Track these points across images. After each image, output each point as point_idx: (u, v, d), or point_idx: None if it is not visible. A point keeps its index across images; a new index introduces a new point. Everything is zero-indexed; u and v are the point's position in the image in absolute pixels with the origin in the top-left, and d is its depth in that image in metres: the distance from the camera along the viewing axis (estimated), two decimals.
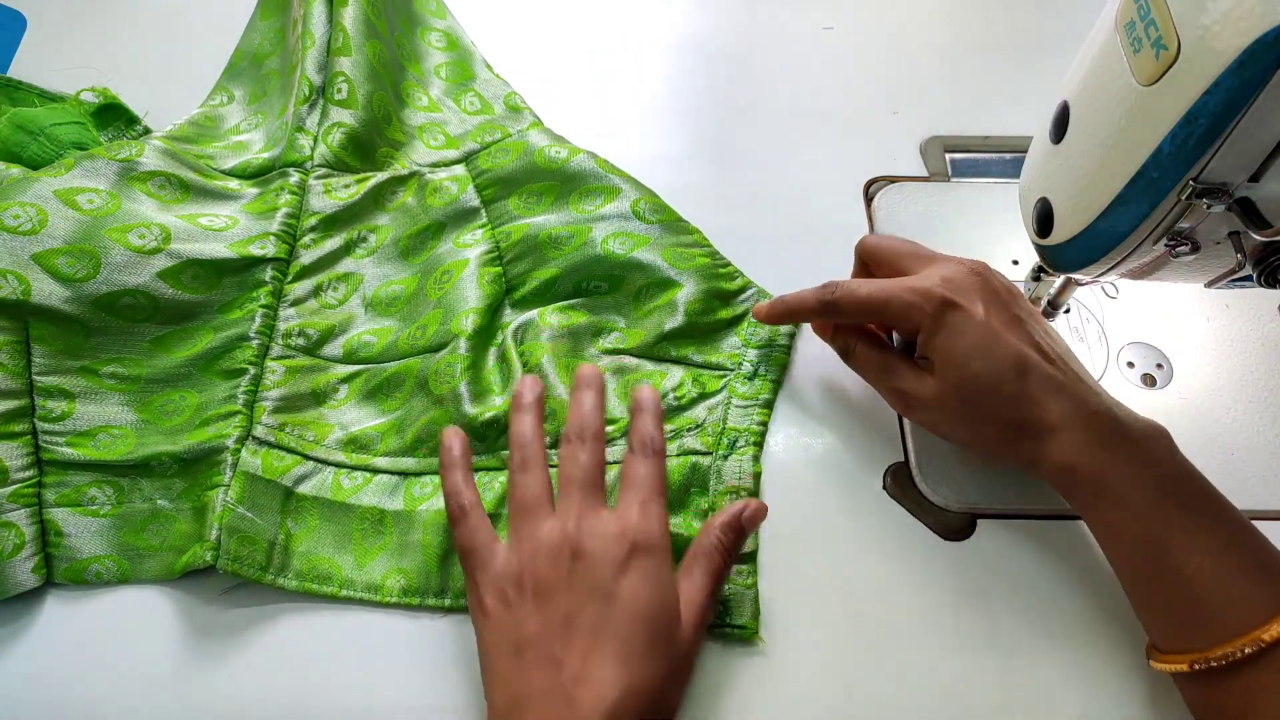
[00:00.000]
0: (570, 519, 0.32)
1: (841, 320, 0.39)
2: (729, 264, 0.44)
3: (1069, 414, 0.32)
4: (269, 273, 0.42)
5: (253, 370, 0.40)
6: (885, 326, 0.39)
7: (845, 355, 0.39)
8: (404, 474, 0.39)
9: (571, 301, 0.43)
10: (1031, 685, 0.35)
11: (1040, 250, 0.34)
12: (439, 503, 0.38)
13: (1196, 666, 0.29)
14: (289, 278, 0.43)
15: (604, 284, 0.43)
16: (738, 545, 0.34)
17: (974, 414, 0.34)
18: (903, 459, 0.40)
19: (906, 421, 0.41)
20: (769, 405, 0.41)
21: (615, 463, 0.39)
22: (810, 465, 0.40)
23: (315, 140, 0.46)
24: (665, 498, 0.34)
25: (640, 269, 0.42)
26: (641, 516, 0.32)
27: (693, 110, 0.52)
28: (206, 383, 0.40)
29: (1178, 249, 0.29)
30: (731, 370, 0.41)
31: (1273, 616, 0.28)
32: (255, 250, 0.42)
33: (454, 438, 0.36)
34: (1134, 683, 0.35)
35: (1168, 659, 0.31)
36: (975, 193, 0.48)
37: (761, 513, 0.35)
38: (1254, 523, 0.30)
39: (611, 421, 0.40)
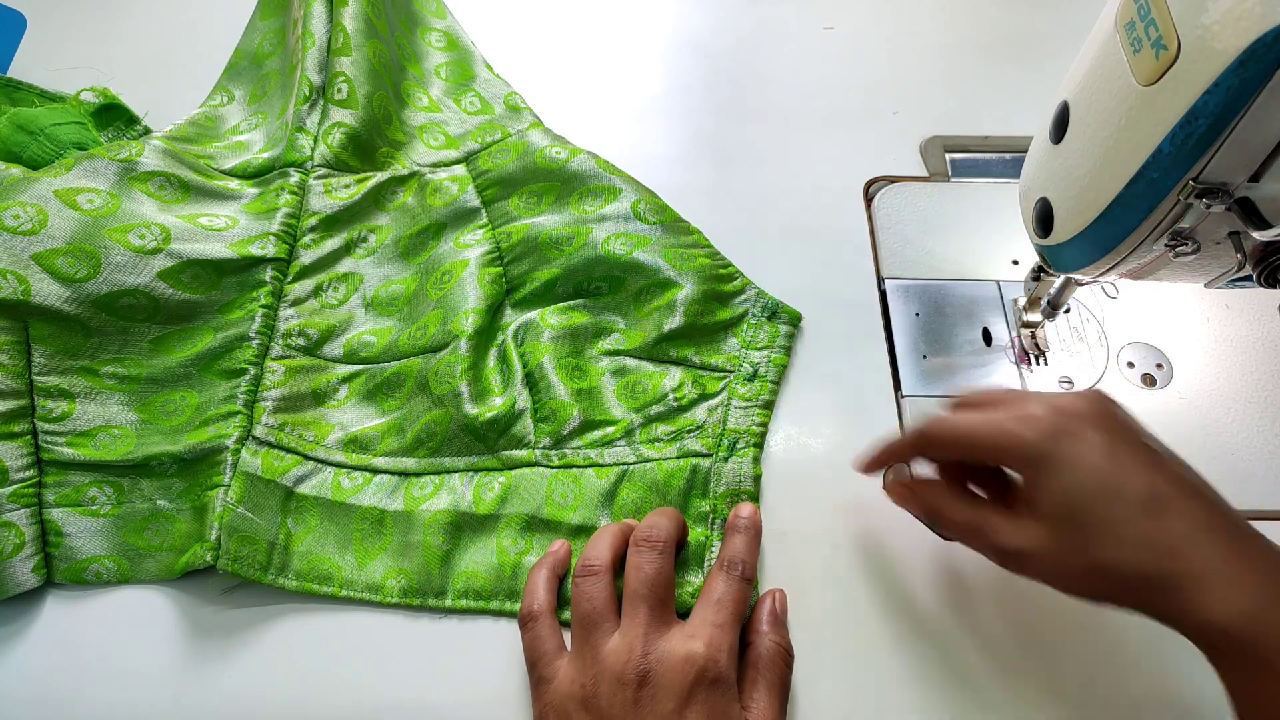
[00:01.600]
0: (637, 640, 0.30)
1: (934, 456, 0.34)
2: (729, 264, 0.44)
3: (1216, 562, 0.26)
4: (269, 273, 0.42)
5: (253, 370, 0.40)
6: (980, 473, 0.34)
7: (932, 523, 0.35)
8: (404, 474, 0.39)
9: (572, 302, 0.43)
10: (1031, 685, 0.35)
11: (1040, 250, 0.34)
12: (439, 503, 0.38)
13: None
14: (289, 278, 0.43)
15: (604, 285, 0.43)
16: (787, 640, 0.33)
17: (1095, 566, 0.28)
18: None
19: (907, 421, 0.41)
20: (769, 406, 0.41)
21: (616, 465, 0.39)
22: (810, 465, 0.40)
23: (315, 140, 0.46)
24: (740, 624, 0.32)
25: (640, 270, 0.42)
26: (710, 643, 0.30)
27: (693, 110, 0.52)
28: (207, 383, 0.40)
29: (1178, 249, 0.28)
30: (731, 372, 0.41)
31: None
32: (255, 250, 0.42)
33: (562, 545, 0.36)
34: (1133, 682, 0.35)
35: None
36: (975, 193, 0.48)
37: (785, 596, 0.34)
38: (1255, 523, 0.29)
39: (611, 423, 0.40)
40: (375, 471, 0.39)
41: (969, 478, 0.33)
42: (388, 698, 0.35)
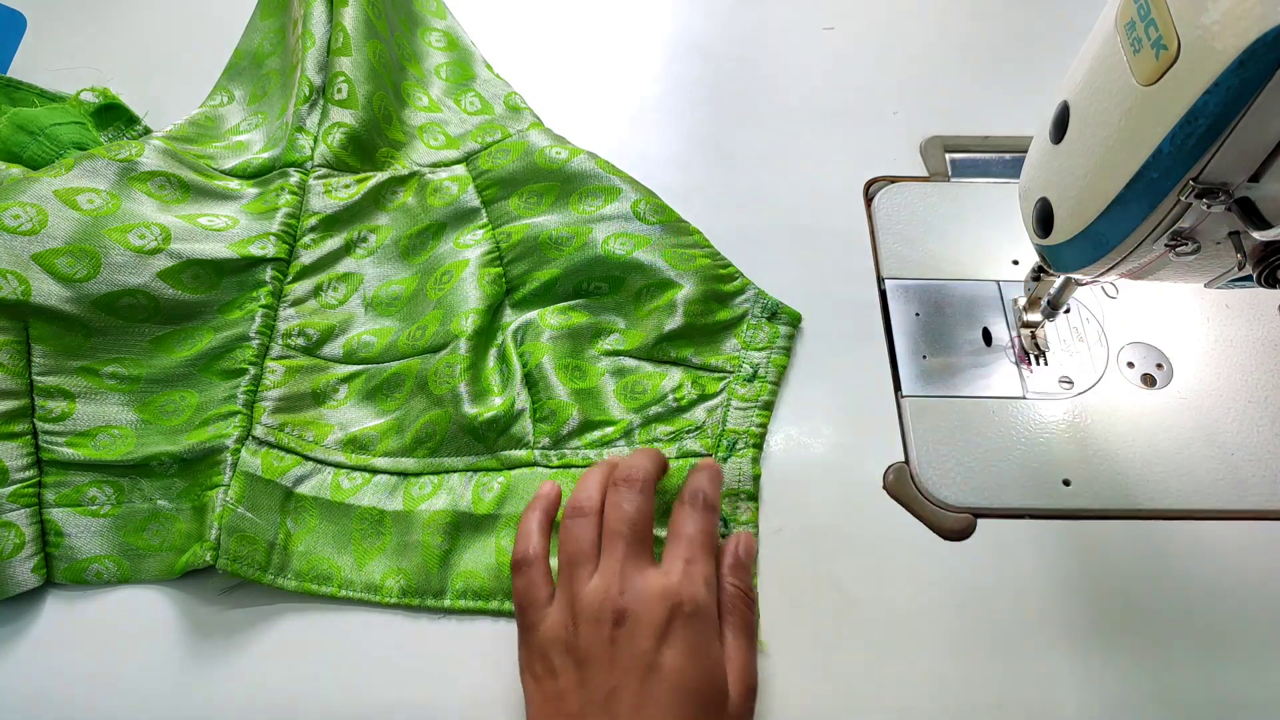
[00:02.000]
0: (614, 578, 0.31)
1: None
2: (729, 265, 0.44)
3: None
4: (269, 273, 0.42)
5: (253, 370, 0.40)
6: None
7: None
8: (403, 474, 0.39)
9: (572, 302, 0.43)
10: (1031, 685, 0.35)
11: (1040, 250, 0.34)
12: (438, 503, 0.38)
13: None
14: (289, 278, 0.43)
15: (604, 285, 0.43)
16: (749, 584, 0.34)
17: None
18: (903, 459, 0.40)
19: (907, 421, 0.41)
20: (768, 407, 0.41)
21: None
22: (810, 465, 0.40)
23: (315, 140, 0.46)
24: (713, 556, 0.33)
25: (640, 270, 0.42)
26: (684, 576, 0.31)
27: (693, 110, 0.52)
28: (206, 383, 0.40)
29: (1178, 249, 0.28)
30: (731, 372, 0.41)
31: None
32: (255, 250, 0.42)
33: (552, 487, 0.36)
34: (1133, 682, 0.35)
35: None
36: (975, 193, 0.48)
37: (751, 541, 0.35)
38: (1255, 523, 0.29)
39: (610, 423, 0.40)
40: (374, 472, 0.39)
41: None
42: (387, 698, 0.35)
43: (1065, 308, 0.41)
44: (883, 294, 0.45)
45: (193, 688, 0.35)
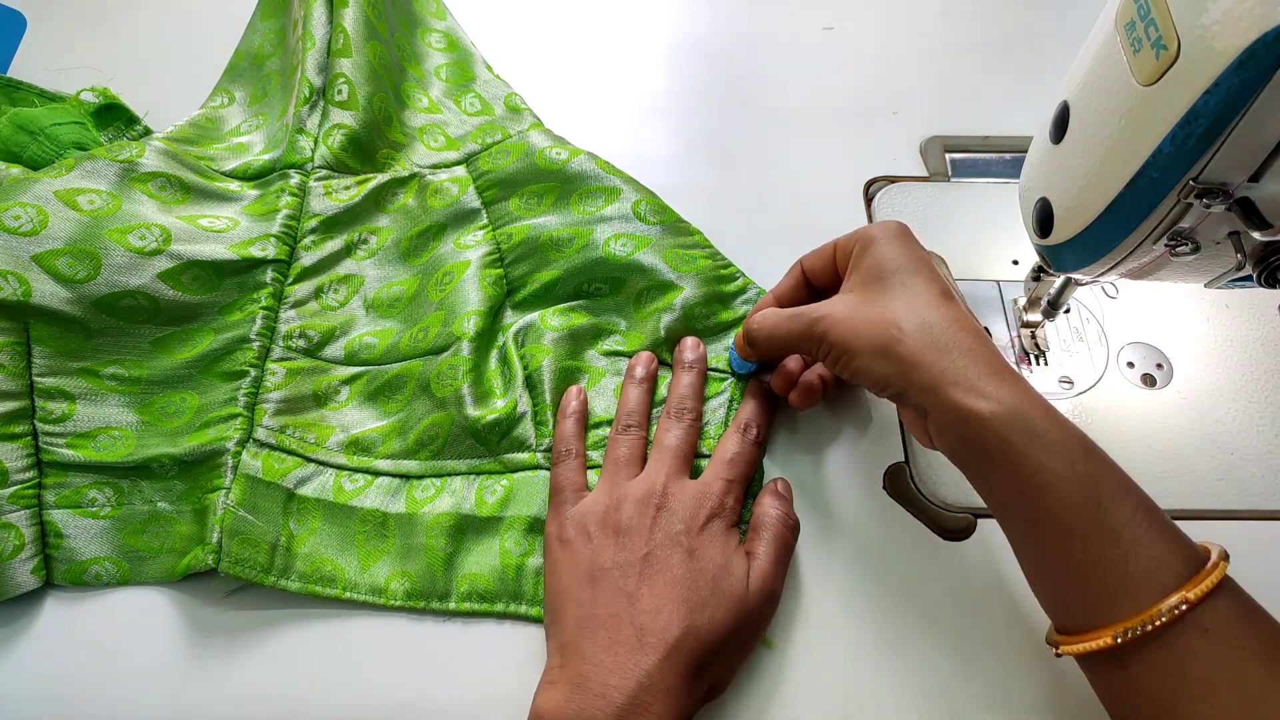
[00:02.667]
0: (660, 477, 0.35)
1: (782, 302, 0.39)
2: (730, 265, 0.44)
3: (996, 352, 0.31)
4: (269, 274, 0.42)
5: (253, 372, 0.40)
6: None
7: (771, 349, 0.37)
8: (406, 476, 0.39)
9: (572, 304, 0.43)
10: (1031, 685, 0.35)
11: (1040, 250, 0.34)
12: (441, 505, 0.38)
13: (1121, 638, 0.26)
14: (290, 279, 0.43)
15: (605, 286, 0.43)
16: (789, 510, 0.36)
17: (884, 316, 0.31)
18: (903, 459, 0.40)
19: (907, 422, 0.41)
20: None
21: (596, 466, 0.39)
22: (810, 465, 0.40)
23: (316, 142, 0.46)
24: (746, 483, 0.37)
25: (641, 271, 0.42)
26: (723, 492, 0.35)
27: (693, 110, 0.52)
28: (207, 385, 0.40)
29: (1178, 249, 0.28)
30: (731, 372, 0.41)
31: (1191, 574, 0.26)
32: (256, 252, 0.42)
33: (576, 393, 0.40)
34: None
35: (1086, 638, 0.28)
36: (975, 193, 0.48)
37: (786, 483, 0.38)
38: (1255, 523, 0.30)
39: (610, 422, 0.40)
40: (377, 474, 0.39)
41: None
42: (392, 700, 0.35)
43: (1065, 308, 0.41)
44: None
45: (194, 690, 0.35)
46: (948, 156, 0.50)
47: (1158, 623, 0.26)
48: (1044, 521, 0.29)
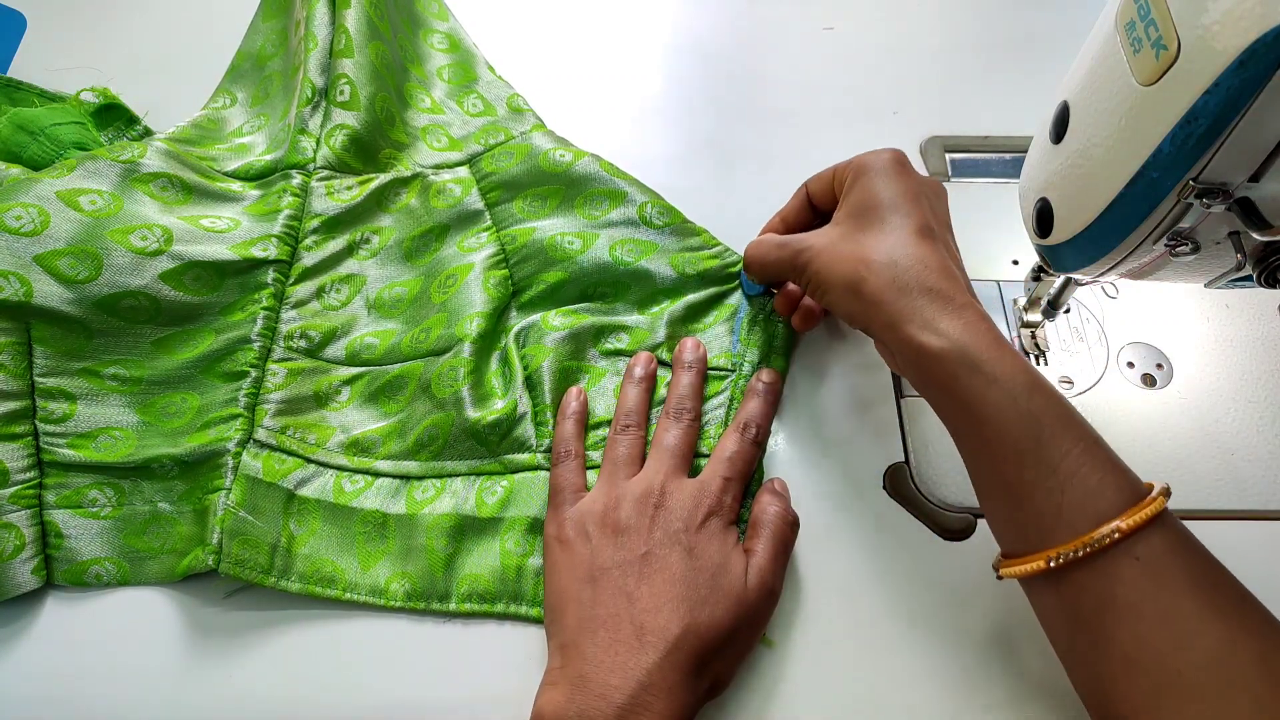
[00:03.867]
0: (658, 476, 0.35)
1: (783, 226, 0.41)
2: (738, 260, 0.44)
3: (960, 288, 0.32)
4: (271, 275, 0.42)
5: (254, 373, 0.40)
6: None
7: (764, 280, 0.40)
8: (406, 477, 0.39)
9: (576, 306, 0.43)
10: (1031, 685, 0.35)
11: (1040, 250, 0.34)
12: (442, 506, 0.38)
13: (1054, 562, 0.28)
14: (291, 279, 0.43)
15: (610, 290, 0.43)
16: (788, 507, 0.36)
17: (862, 254, 0.33)
18: (903, 459, 0.40)
19: (907, 421, 0.41)
20: None
21: (596, 466, 0.39)
22: (810, 465, 0.40)
23: (318, 142, 0.45)
24: (745, 482, 0.37)
25: (648, 277, 0.42)
26: (721, 490, 0.35)
27: (693, 110, 0.52)
28: (208, 385, 0.40)
29: (1178, 249, 0.29)
30: (732, 371, 0.41)
31: (1128, 506, 0.27)
32: (257, 252, 0.42)
33: (576, 394, 0.40)
34: None
35: (1023, 560, 0.29)
36: (975, 193, 0.48)
37: (782, 482, 0.38)
38: (1255, 523, 0.30)
39: (610, 423, 0.40)
40: (377, 475, 0.39)
41: None
42: (392, 701, 0.35)
43: (1065, 308, 0.41)
44: None
45: (194, 690, 0.35)
46: (948, 156, 0.50)
47: (1089, 549, 0.27)
48: (987, 451, 0.30)
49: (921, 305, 0.31)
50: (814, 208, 0.40)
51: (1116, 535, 0.27)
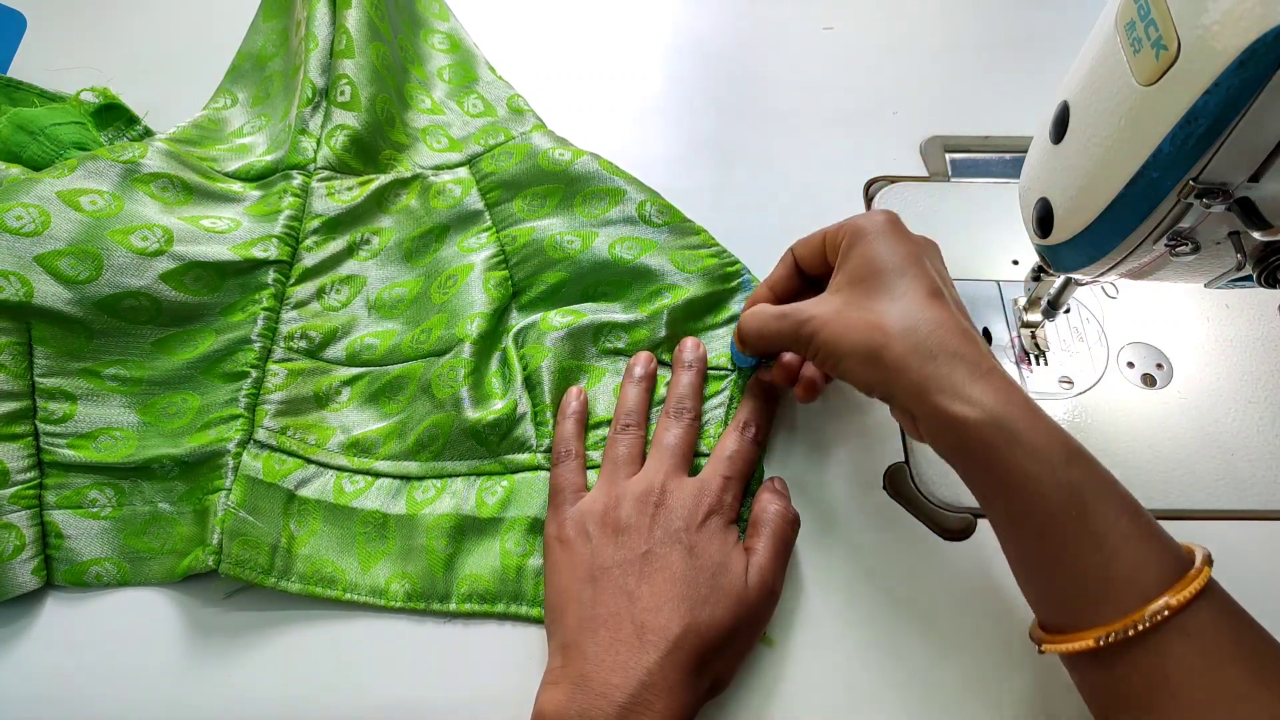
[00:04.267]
0: (658, 475, 0.35)
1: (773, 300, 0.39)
2: (736, 262, 0.44)
3: (983, 352, 0.31)
4: (271, 275, 0.42)
5: (254, 373, 0.40)
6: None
7: (762, 349, 0.38)
8: (406, 478, 0.39)
9: (576, 305, 0.43)
10: (1031, 685, 0.35)
11: (1040, 250, 0.34)
12: (442, 506, 0.38)
13: (1104, 641, 0.27)
14: (291, 280, 0.43)
15: (610, 289, 0.43)
16: (788, 506, 0.36)
17: (872, 320, 0.31)
18: (903, 459, 0.40)
19: None
20: None
21: (596, 466, 0.39)
22: (810, 465, 0.40)
23: (318, 143, 0.45)
24: (745, 481, 0.37)
25: (648, 275, 0.42)
26: (721, 489, 0.35)
27: (693, 110, 0.52)
28: (208, 385, 0.40)
29: (1178, 249, 0.29)
30: (732, 371, 0.41)
31: (1174, 578, 0.26)
32: (258, 253, 0.42)
33: (576, 394, 0.40)
34: None
35: (1069, 639, 0.28)
36: (975, 193, 0.48)
37: (782, 481, 0.38)
38: (1255, 523, 0.30)
39: (610, 423, 0.40)
40: (377, 475, 0.39)
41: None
42: (392, 701, 0.35)
43: (1065, 308, 0.41)
44: None
45: (194, 690, 0.35)
46: (948, 156, 0.50)
47: (1139, 628, 0.26)
48: (1027, 524, 0.29)
49: (948, 371, 0.30)
50: (802, 274, 0.38)
51: (1167, 613, 0.26)
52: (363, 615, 0.37)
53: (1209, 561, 0.27)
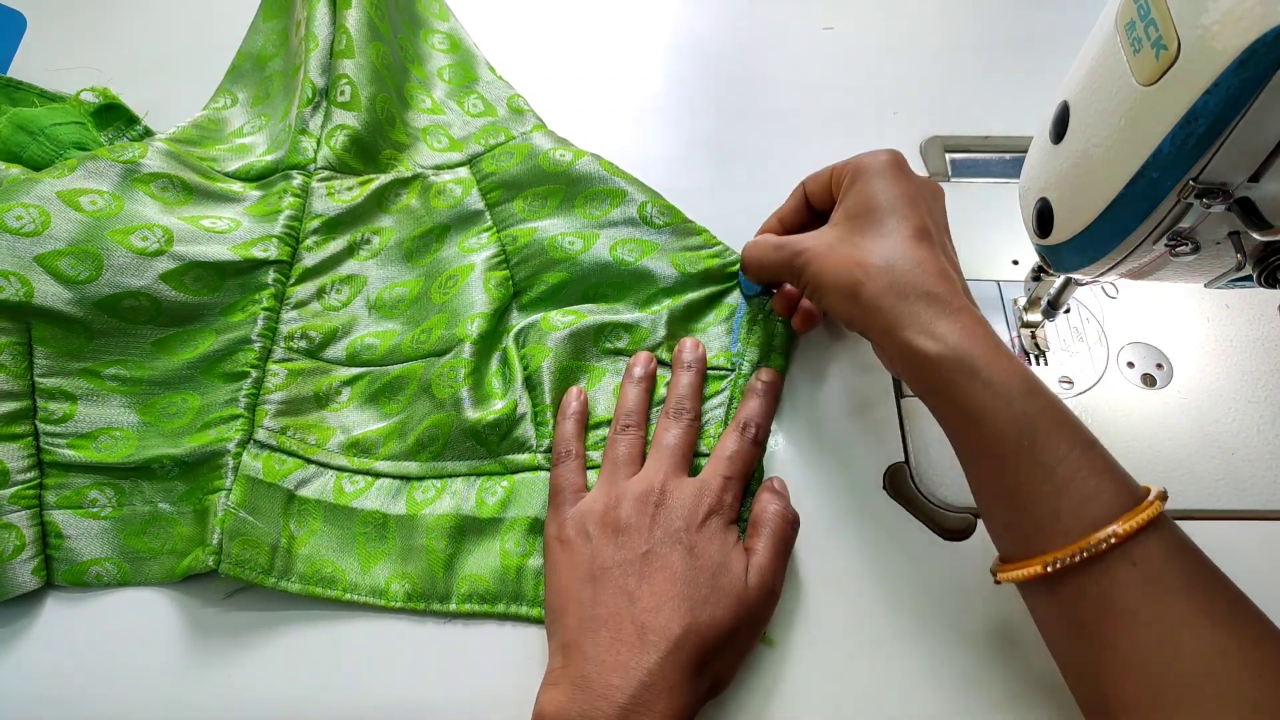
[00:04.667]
0: (658, 475, 0.35)
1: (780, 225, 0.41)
2: (738, 259, 0.44)
3: (957, 292, 0.32)
4: (271, 275, 0.42)
5: (254, 373, 0.40)
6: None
7: (762, 279, 0.40)
8: (406, 478, 0.39)
9: (577, 306, 0.43)
10: (1031, 684, 0.35)
11: (1040, 250, 0.34)
12: (442, 506, 0.38)
13: (1051, 568, 0.28)
14: (292, 280, 0.43)
15: (611, 291, 0.43)
16: (788, 505, 0.36)
17: (859, 258, 0.33)
18: (903, 459, 0.40)
19: (907, 421, 0.41)
20: None
21: (596, 466, 0.39)
22: (810, 465, 0.40)
23: (318, 143, 0.45)
24: (744, 482, 0.37)
25: (649, 277, 0.42)
26: (721, 489, 0.35)
27: (693, 110, 0.52)
28: (208, 385, 0.40)
29: (1178, 249, 0.29)
30: (732, 370, 0.41)
31: (1124, 510, 0.27)
32: (258, 253, 0.42)
33: (577, 394, 0.40)
34: None
35: (1020, 565, 0.29)
36: (975, 193, 0.48)
37: (782, 482, 0.38)
38: (1255, 523, 0.30)
39: (608, 423, 0.40)
40: (377, 475, 0.39)
41: None
42: (392, 701, 0.35)
43: (1065, 308, 0.41)
44: None
45: (194, 690, 0.35)
46: (948, 156, 0.50)
47: (1086, 554, 0.27)
48: (983, 454, 0.31)
49: (918, 310, 0.31)
50: (811, 208, 0.40)
51: (1113, 540, 0.27)
52: (363, 615, 0.37)
53: (1164, 497, 0.28)
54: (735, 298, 0.43)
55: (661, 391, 0.41)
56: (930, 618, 0.36)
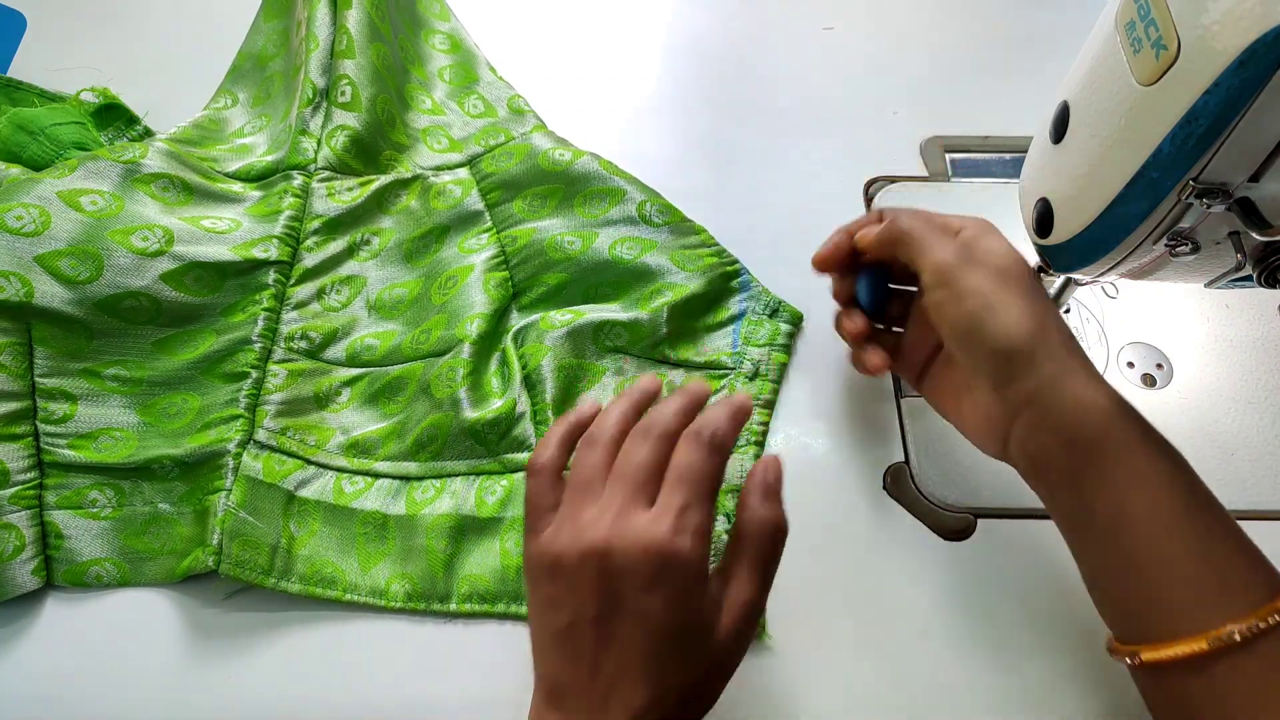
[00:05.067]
0: (608, 515, 0.30)
1: (875, 253, 0.36)
2: (735, 261, 0.44)
3: (1083, 360, 0.31)
4: (271, 275, 0.42)
5: (255, 374, 0.40)
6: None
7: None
8: (405, 478, 0.39)
9: (577, 305, 0.43)
10: (1031, 684, 0.35)
11: (1040, 250, 0.34)
12: (441, 506, 0.38)
13: (1216, 643, 0.26)
14: (292, 280, 0.43)
15: (611, 290, 0.43)
16: (781, 511, 0.31)
17: (983, 296, 0.31)
18: (903, 459, 0.40)
19: (907, 421, 0.41)
20: (770, 405, 0.41)
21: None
22: (810, 465, 0.40)
23: (319, 143, 0.45)
24: (710, 498, 0.31)
25: (648, 274, 0.42)
26: (674, 529, 0.29)
27: (692, 110, 0.52)
28: (209, 386, 0.40)
29: (1178, 249, 0.29)
30: (732, 370, 0.41)
31: (1265, 602, 0.26)
32: (258, 253, 0.42)
33: (591, 405, 0.35)
34: (1132, 681, 0.35)
35: (1173, 644, 0.27)
36: (975, 193, 0.48)
37: (779, 464, 0.32)
38: (1255, 523, 0.30)
39: None
40: (376, 475, 0.39)
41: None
42: (392, 701, 0.35)
43: (1065, 308, 0.41)
44: None
45: (194, 691, 0.35)
46: (948, 156, 0.50)
47: (1261, 626, 0.25)
48: (1140, 519, 0.28)
49: (1081, 363, 0.30)
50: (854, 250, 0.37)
51: (1255, 630, 0.25)
52: (363, 615, 0.37)
53: None
54: (736, 300, 0.43)
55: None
56: (930, 618, 0.36)
